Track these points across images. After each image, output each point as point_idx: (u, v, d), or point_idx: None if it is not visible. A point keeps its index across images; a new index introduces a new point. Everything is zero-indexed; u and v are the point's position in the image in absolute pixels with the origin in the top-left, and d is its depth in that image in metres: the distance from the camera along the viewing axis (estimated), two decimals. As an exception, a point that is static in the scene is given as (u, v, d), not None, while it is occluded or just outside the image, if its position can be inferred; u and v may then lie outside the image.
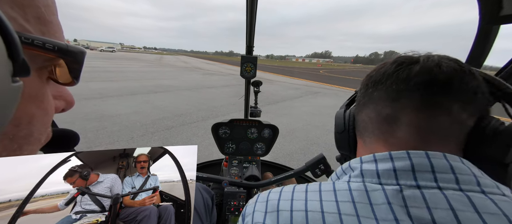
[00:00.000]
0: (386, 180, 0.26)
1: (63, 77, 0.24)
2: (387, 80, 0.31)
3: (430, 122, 0.28)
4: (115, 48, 58.40)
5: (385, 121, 0.31)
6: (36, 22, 0.20)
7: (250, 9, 0.88)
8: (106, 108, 4.60)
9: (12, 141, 0.20)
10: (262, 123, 1.32)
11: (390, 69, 0.31)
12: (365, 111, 0.34)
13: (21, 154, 0.21)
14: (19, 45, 0.15)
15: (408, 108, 0.29)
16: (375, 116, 0.32)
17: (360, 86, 0.38)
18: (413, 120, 0.28)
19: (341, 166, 0.34)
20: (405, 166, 0.26)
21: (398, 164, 0.26)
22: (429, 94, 0.27)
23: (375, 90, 0.32)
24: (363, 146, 0.35)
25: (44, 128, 0.23)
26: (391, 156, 0.27)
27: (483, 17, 0.52)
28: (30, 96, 0.20)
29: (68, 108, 0.28)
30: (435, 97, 0.27)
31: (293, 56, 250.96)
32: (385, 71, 0.32)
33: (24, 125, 0.20)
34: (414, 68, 0.29)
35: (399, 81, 0.29)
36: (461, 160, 0.25)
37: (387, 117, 0.30)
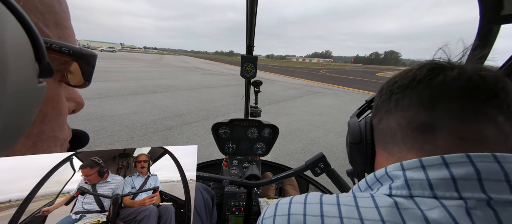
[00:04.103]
0: (444, 192, 0.21)
1: (75, 80, 0.26)
2: (419, 85, 0.28)
3: (474, 132, 0.25)
4: (115, 48, 58.44)
5: (419, 129, 0.27)
6: (55, 27, 0.21)
7: (250, 9, 0.88)
8: (106, 108, 4.60)
9: (27, 138, 0.21)
10: (262, 123, 1.32)
11: (420, 74, 0.28)
12: (392, 118, 0.31)
13: (36, 150, 0.22)
14: (44, 49, 0.17)
15: (448, 116, 0.26)
16: (406, 124, 0.28)
17: (379, 92, 0.35)
18: (453, 129, 0.25)
19: (373, 173, 0.29)
20: (469, 174, 0.21)
21: (457, 170, 0.21)
22: (471, 102, 0.25)
23: (404, 96, 0.29)
24: (388, 158, 0.31)
25: (58, 127, 0.25)
26: (445, 160, 0.23)
27: (484, 16, 0.52)
28: (46, 96, 0.22)
29: (78, 109, 0.30)
30: (477, 106, 0.25)
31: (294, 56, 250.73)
32: (415, 76, 0.29)
33: (37, 123, 0.22)
34: (451, 74, 0.26)
35: (434, 87, 0.27)
36: None
37: (422, 124, 0.27)
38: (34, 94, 0.17)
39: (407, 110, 0.29)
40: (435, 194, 0.22)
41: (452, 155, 0.23)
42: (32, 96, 0.17)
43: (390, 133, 0.31)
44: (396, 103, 0.30)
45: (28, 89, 0.16)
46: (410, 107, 0.28)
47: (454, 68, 0.27)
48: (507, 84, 0.25)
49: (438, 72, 0.27)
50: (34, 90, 0.17)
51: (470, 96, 0.25)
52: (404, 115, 0.29)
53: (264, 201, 1.01)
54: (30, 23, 0.15)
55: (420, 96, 0.28)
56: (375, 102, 0.35)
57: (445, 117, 0.26)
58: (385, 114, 0.32)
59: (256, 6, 0.88)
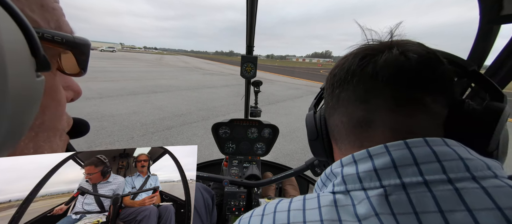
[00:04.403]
0: (369, 183, 0.23)
1: (71, 68, 0.25)
2: (353, 78, 0.28)
3: (406, 121, 0.25)
4: (115, 48, 58.40)
5: (358, 125, 0.28)
6: (40, 10, 0.20)
7: (250, 9, 0.88)
8: (106, 108, 4.60)
9: (30, 129, 0.21)
10: (262, 123, 1.32)
11: (354, 64, 0.28)
12: (336, 115, 0.31)
13: (38, 140, 0.22)
14: (39, 43, 0.16)
15: (381, 108, 0.26)
16: (348, 121, 0.29)
17: (325, 85, 0.35)
18: (387, 121, 0.26)
19: (324, 172, 0.30)
20: (386, 163, 0.22)
21: (378, 161, 0.23)
22: (399, 89, 0.25)
23: (342, 91, 0.29)
24: (339, 154, 0.32)
25: (57, 117, 0.25)
26: (369, 153, 0.24)
27: (484, 16, 0.52)
28: (45, 88, 0.21)
29: (76, 97, 0.30)
30: (406, 92, 0.25)
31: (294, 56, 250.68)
32: (349, 67, 0.28)
33: (39, 115, 0.22)
34: (379, 61, 0.26)
35: (365, 79, 0.27)
36: (444, 142, 0.22)
37: (360, 120, 0.28)
38: (34, 89, 0.17)
39: (347, 106, 0.29)
40: (363, 186, 0.23)
41: (374, 148, 0.24)
42: (33, 91, 0.16)
43: (337, 130, 0.32)
44: (338, 99, 0.30)
45: (29, 85, 0.16)
46: (349, 103, 0.29)
47: (383, 53, 0.26)
48: (432, 60, 0.26)
49: (368, 60, 0.27)
50: (34, 85, 0.16)
51: (397, 83, 0.25)
52: (345, 112, 0.29)
53: (264, 201, 1.01)
54: (22, 17, 0.15)
55: (355, 90, 0.28)
56: (325, 96, 0.35)
57: (378, 110, 0.26)
58: (331, 110, 0.32)
59: (256, 6, 0.88)
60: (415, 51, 0.26)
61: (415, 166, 0.21)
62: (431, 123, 0.25)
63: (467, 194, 0.19)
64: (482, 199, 0.19)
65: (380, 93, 0.26)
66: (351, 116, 0.29)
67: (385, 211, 0.20)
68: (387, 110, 0.26)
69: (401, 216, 0.20)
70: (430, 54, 0.26)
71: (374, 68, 0.26)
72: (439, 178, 0.20)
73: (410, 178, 0.21)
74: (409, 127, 0.25)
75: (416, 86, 0.25)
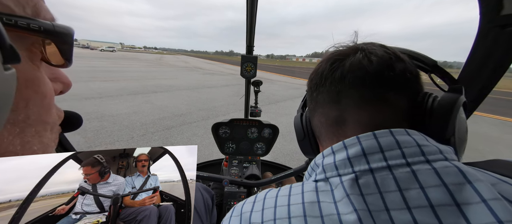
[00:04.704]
0: (343, 169, 0.26)
1: (56, 59, 0.23)
2: (326, 82, 0.32)
3: (372, 116, 0.29)
4: (115, 48, 58.42)
5: (334, 124, 0.31)
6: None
7: (250, 9, 0.88)
8: (106, 108, 4.60)
9: (13, 125, 0.20)
10: (262, 123, 1.32)
11: (326, 69, 0.32)
12: (316, 116, 0.34)
13: (25, 136, 0.21)
14: (3, 31, 0.14)
15: (350, 107, 0.30)
16: (325, 120, 0.33)
17: (307, 88, 0.38)
18: (356, 118, 0.29)
19: (309, 165, 0.33)
20: (357, 152, 0.26)
21: (351, 151, 0.26)
22: (364, 88, 0.29)
23: (319, 94, 0.33)
24: (323, 150, 0.34)
25: (44, 111, 0.23)
26: (345, 144, 0.28)
27: (484, 16, 0.52)
28: (25, 80, 0.20)
29: (66, 90, 0.28)
30: (371, 91, 0.28)
31: (294, 55, 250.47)
32: (322, 72, 0.32)
33: (21, 109, 0.20)
34: (346, 65, 0.30)
35: (336, 81, 0.30)
36: (406, 132, 0.26)
37: (335, 119, 0.31)
38: (1, 84, 0.15)
39: (323, 107, 0.33)
40: (338, 173, 0.26)
41: (348, 139, 0.28)
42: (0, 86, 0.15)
43: (318, 129, 0.35)
44: (316, 101, 0.34)
45: None
46: (325, 104, 0.32)
47: (349, 57, 0.30)
48: (392, 60, 0.29)
49: (337, 65, 0.31)
50: (1, 80, 0.15)
51: (362, 84, 0.29)
52: (322, 112, 0.33)
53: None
54: None
55: (329, 92, 0.31)
56: (307, 99, 0.38)
57: (348, 109, 0.30)
58: (312, 111, 0.36)
59: (256, 6, 0.88)
60: (376, 53, 0.29)
61: (381, 153, 0.25)
62: (396, 116, 0.29)
63: (421, 174, 0.22)
64: (432, 177, 0.22)
65: (349, 93, 0.30)
66: (328, 116, 0.32)
67: (355, 192, 0.24)
68: (356, 108, 0.29)
69: (368, 196, 0.23)
70: (389, 54, 0.29)
71: (342, 72, 0.30)
72: (400, 162, 0.24)
73: (376, 163, 0.24)
74: (376, 121, 0.28)
75: (378, 85, 0.28)
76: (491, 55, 0.53)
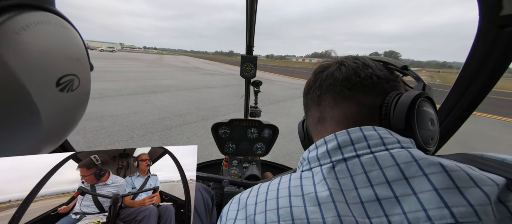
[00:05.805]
0: (323, 160, 0.32)
1: None
2: (311, 89, 0.40)
3: (343, 113, 0.35)
4: (115, 48, 58.23)
5: (318, 123, 0.39)
6: None
7: (250, 9, 0.88)
8: (106, 108, 4.59)
9: None
10: (262, 123, 1.32)
11: (311, 80, 0.41)
12: (308, 118, 0.42)
13: None
14: None
15: (327, 107, 0.37)
16: (312, 120, 0.40)
17: None
18: (332, 116, 0.36)
19: (299, 160, 0.39)
20: (334, 146, 0.32)
21: (330, 145, 0.32)
22: (336, 92, 0.36)
23: (308, 100, 0.41)
24: None
25: None
26: (325, 140, 0.34)
27: (483, 16, 0.52)
28: None
29: None
30: (340, 94, 0.35)
31: (293, 56, 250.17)
32: (309, 83, 0.41)
33: None
34: (324, 75, 0.38)
35: (317, 88, 0.39)
36: (373, 129, 0.31)
37: (318, 118, 0.38)
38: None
39: (311, 110, 0.41)
40: (320, 163, 0.32)
41: (328, 136, 0.34)
42: None
43: (310, 129, 0.42)
44: (307, 106, 0.42)
45: None
46: (311, 107, 0.40)
47: (327, 69, 0.38)
48: (359, 68, 0.36)
49: (319, 76, 0.39)
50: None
51: (334, 88, 0.36)
52: (310, 114, 0.41)
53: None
54: None
55: (313, 98, 0.39)
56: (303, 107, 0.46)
57: (327, 109, 0.37)
58: (306, 116, 0.43)
59: (256, 6, 0.88)
60: (346, 64, 0.37)
61: (352, 145, 0.31)
62: (365, 113, 0.35)
63: (380, 158, 0.28)
64: (388, 160, 0.27)
65: (326, 96, 0.37)
66: (314, 117, 0.40)
67: (331, 176, 0.29)
68: (331, 108, 0.36)
69: (342, 179, 0.29)
70: (357, 63, 0.36)
71: (321, 81, 0.38)
72: (366, 151, 0.29)
73: (348, 153, 0.30)
74: (347, 118, 0.35)
75: (347, 89, 0.35)
76: (490, 55, 0.53)
